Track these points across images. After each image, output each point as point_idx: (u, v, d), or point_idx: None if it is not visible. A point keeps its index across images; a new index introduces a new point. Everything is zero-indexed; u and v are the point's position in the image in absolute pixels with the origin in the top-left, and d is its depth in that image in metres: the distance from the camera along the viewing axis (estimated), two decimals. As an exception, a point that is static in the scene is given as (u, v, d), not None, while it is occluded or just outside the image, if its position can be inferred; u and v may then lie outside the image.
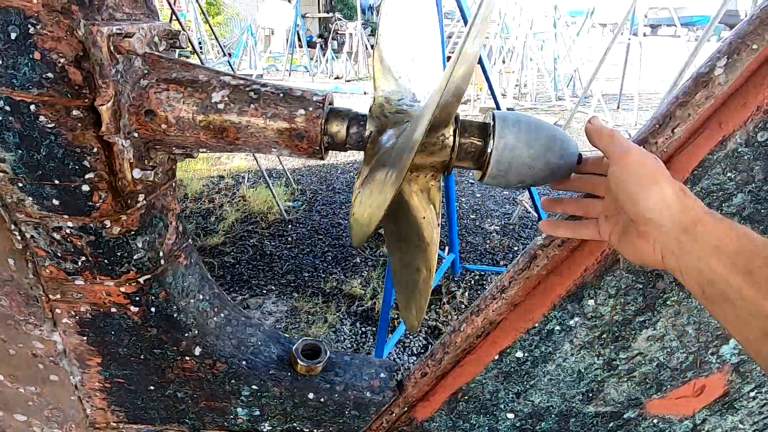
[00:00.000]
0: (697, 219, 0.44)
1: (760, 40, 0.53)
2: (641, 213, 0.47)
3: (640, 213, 0.47)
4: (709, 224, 0.43)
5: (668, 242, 0.46)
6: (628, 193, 0.48)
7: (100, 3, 0.55)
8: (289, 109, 0.60)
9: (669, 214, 0.45)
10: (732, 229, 0.43)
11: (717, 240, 0.42)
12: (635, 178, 0.47)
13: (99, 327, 0.75)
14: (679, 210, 0.45)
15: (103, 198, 0.62)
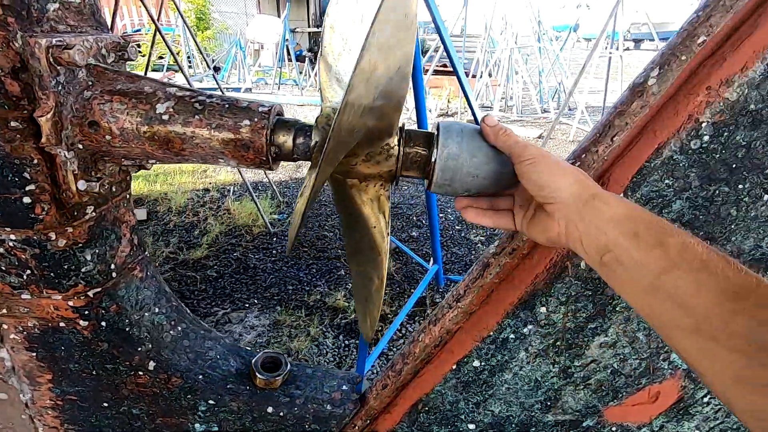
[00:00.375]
0: (594, 194, 0.49)
1: (687, 51, 0.55)
2: (548, 195, 0.52)
3: (547, 196, 0.52)
4: (605, 197, 0.49)
5: (571, 215, 0.50)
6: (536, 182, 0.52)
7: (40, 15, 0.55)
8: (234, 120, 0.60)
9: (570, 192, 0.50)
10: (624, 201, 0.49)
11: (611, 210, 0.47)
12: (539, 165, 0.52)
13: (48, 342, 0.74)
14: (579, 188, 0.50)
15: (46, 210, 0.61)
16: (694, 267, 0.40)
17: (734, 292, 0.38)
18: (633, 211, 0.47)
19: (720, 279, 0.39)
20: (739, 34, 0.53)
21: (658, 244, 0.43)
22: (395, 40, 0.42)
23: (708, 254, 0.41)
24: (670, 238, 0.43)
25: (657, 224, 0.45)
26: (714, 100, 0.55)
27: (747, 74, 0.53)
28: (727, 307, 0.38)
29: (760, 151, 0.56)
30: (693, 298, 0.40)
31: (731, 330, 0.37)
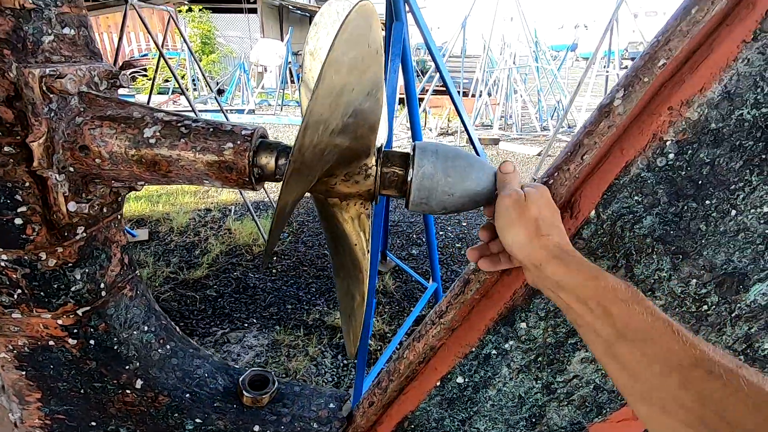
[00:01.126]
0: (542, 259, 0.51)
1: (650, 73, 0.57)
2: (507, 246, 0.55)
3: (506, 246, 0.56)
4: (552, 265, 0.51)
5: (528, 274, 0.54)
6: (498, 229, 0.56)
7: (35, 47, 0.59)
8: (218, 143, 0.63)
9: (521, 253, 0.53)
10: (571, 269, 0.50)
11: (558, 277, 0.50)
12: (501, 219, 0.56)
13: (38, 361, 0.75)
14: (528, 251, 0.53)
15: (37, 231, 0.64)
16: (638, 338, 0.42)
17: (679, 364, 0.39)
18: (578, 278, 0.48)
19: (665, 351, 0.40)
20: (696, 58, 0.56)
21: (604, 314, 0.45)
22: (360, 66, 0.45)
23: (653, 324, 0.42)
24: (614, 306, 0.44)
25: (602, 292, 0.46)
26: (676, 120, 0.57)
27: (706, 95, 0.56)
28: (674, 379, 0.38)
29: (723, 167, 0.58)
30: (642, 369, 0.41)
31: (680, 403, 0.38)
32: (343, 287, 0.76)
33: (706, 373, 0.37)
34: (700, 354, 0.38)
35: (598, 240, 0.64)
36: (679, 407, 0.38)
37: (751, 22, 0.53)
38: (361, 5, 0.38)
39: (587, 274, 0.48)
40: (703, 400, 0.37)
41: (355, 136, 0.54)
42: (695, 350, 0.39)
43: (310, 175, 0.52)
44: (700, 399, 0.37)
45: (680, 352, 0.39)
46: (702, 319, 0.66)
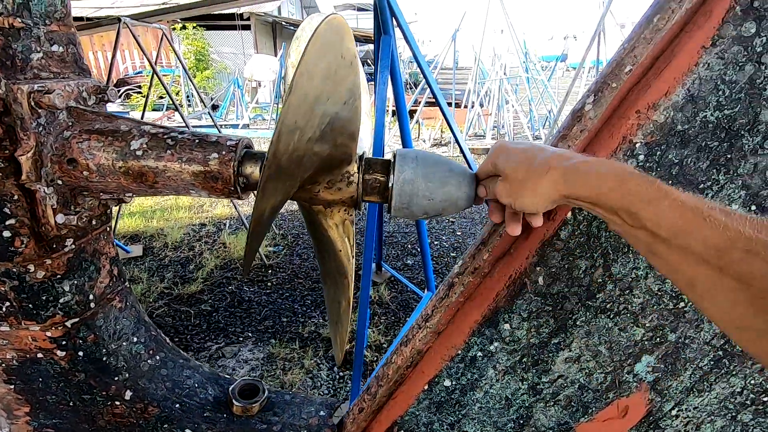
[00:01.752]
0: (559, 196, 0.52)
1: (617, 79, 0.60)
2: (534, 212, 0.57)
3: (533, 212, 0.57)
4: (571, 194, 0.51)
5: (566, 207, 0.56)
6: (513, 207, 0.58)
7: (23, 64, 0.61)
8: (203, 154, 0.64)
9: (545, 206, 0.54)
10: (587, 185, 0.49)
11: (583, 200, 0.50)
12: (507, 198, 0.58)
13: (26, 374, 0.75)
14: (547, 201, 0.53)
15: (25, 243, 0.65)
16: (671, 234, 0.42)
17: (715, 250, 0.38)
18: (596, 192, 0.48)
19: (699, 241, 0.40)
20: (660, 63, 0.58)
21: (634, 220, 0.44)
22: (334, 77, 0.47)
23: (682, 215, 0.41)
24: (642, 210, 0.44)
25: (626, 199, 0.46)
26: (644, 123, 0.59)
27: (671, 98, 0.58)
28: (712, 266, 0.39)
29: (692, 167, 0.60)
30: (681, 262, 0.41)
31: (723, 287, 0.38)
32: (330, 293, 0.77)
33: (744, 253, 0.37)
34: (734, 235, 0.37)
35: (575, 240, 0.66)
36: (722, 292, 0.38)
37: (709, 29, 0.56)
38: (331, 18, 0.40)
39: (607, 184, 0.47)
40: (745, 281, 0.36)
41: (335, 144, 0.56)
42: (729, 232, 0.38)
43: (288, 181, 0.53)
44: (742, 280, 0.36)
45: (713, 237, 0.38)
46: (680, 315, 0.68)
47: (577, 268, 0.67)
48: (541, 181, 0.52)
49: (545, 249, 0.67)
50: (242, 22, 13.77)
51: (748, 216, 0.38)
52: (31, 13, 0.61)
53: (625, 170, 0.47)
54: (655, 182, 0.44)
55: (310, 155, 0.53)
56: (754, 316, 0.36)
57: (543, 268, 0.68)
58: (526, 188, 0.54)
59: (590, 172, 0.49)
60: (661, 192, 0.43)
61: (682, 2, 0.56)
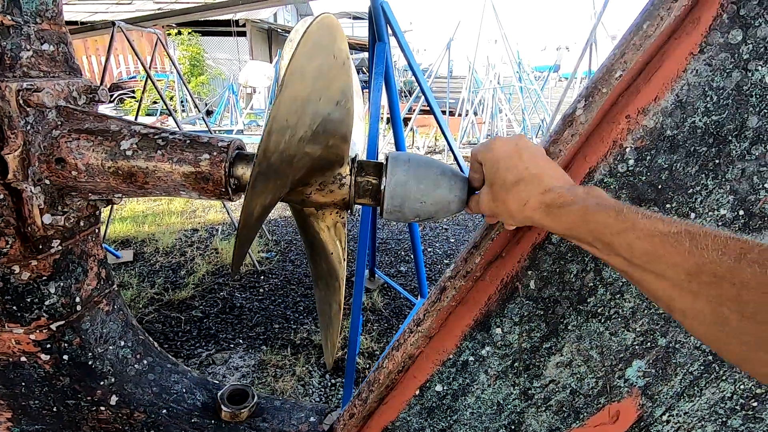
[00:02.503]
0: (537, 222, 0.54)
1: (608, 84, 0.60)
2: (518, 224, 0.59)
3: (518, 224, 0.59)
4: (546, 224, 0.53)
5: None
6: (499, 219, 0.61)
7: (12, 62, 0.60)
8: (194, 154, 0.64)
9: (526, 222, 0.56)
10: (561, 220, 0.51)
11: (557, 231, 0.52)
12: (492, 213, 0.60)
13: (9, 379, 0.74)
14: (528, 220, 0.55)
15: (11, 243, 0.64)
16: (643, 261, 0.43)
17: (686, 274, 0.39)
18: (568, 226, 0.50)
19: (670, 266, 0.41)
20: (650, 69, 0.59)
21: (608, 249, 0.46)
22: (326, 76, 0.47)
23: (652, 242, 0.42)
24: (614, 240, 0.45)
25: (597, 232, 0.47)
26: (634, 128, 0.60)
27: (660, 103, 0.59)
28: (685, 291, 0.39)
29: (681, 172, 0.61)
30: (656, 286, 0.42)
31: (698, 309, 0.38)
32: (321, 296, 0.76)
33: (712, 277, 0.37)
34: (700, 260, 0.38)
35: (566, 244, 0.66)
36: (697, 313, 0.39)
37: (697, 36, 0.57)
38: (323, 17, 0.40)
39: (575, 219, 0.49)
40: (717, 301, 0.37)
41: (326, 145, 0.56)
42: (695, 257, 0.39)
43: (279, 180, 0.53)
44: (715, 301, 0.37)
45: (683, 263, 0.39)
46: (670, 320, 0.68)
47: (568, 272, 0.67)
48: (520, 209, 0.55)
49: (537, 253, 0.67)
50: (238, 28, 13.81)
51: (713, 234, 0.39)
52: (22, 10, 0.61)
53: (588, 206, 0.48)
54: (622, 211, 0.45)
55: (301, 155, 0.52)
56: (734, 336, 0.37)
57: (534, 271, 0.68)
58: (506, 208, 0.56)
59: (563, 207, 0.50)
60: (628, 222, 0.44)
61: (670, 10, 0.57)
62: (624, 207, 0.46)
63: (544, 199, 0.52)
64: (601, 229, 0.46)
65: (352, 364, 2.27)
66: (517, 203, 0.54)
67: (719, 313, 0.37)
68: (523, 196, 0.54)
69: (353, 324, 2.34)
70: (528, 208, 0.53)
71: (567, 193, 0.51)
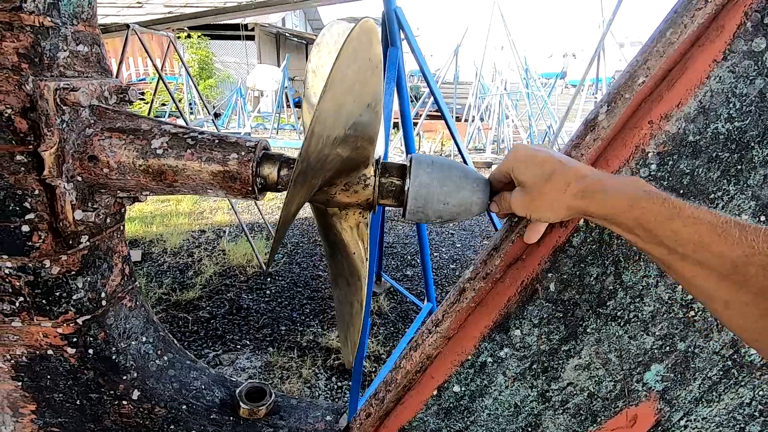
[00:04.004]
0: (575, 211, 0.54)
1: (630, 90, 0.61)
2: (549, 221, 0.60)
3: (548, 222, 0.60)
4: (588, 209, 0.52)
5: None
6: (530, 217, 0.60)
7: (51, 62, 0.62)
8: (222, 154, 0.65)
9: (560, 217, 0.56)
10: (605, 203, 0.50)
11: (598, 217, 0.52)
12: (523, 210, 0.59)
13: (35, 371, 0.75)
14: (564, 213, 0.55)
15: (43, 238, 0.65)
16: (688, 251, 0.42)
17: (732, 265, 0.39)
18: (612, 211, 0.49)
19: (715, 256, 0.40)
20: (673, 75, 0.60)
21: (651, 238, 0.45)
22: (361, 79, 0.48)
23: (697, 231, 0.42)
24: (658, 229, 0.45)
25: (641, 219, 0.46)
26: (657, 133, 0.61)
27: (683, 109, 0.60)
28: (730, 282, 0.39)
29: (703, 177, 0.62)
30: (699, 278, 0.42)
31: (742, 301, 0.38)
32: (341, 296, 0.77)
33: (760, 269, 0.37)
34: (749, 250, 0.38)
35: (587, 248, 0.67)
36: (741, 305, 0.38)
37: (720, 44, 0.57)
38: (364, 21, 0.41)
39: (621, 204, 0.48)
40: (763, 295, 0.37)
41: (355, 146, 0.57)
42: (744, 247, 0.38)
43: (314, 180, 0.54)
44: (760, 294, 0.37)
45: (729, 252, 0.39)
46: (689, 324, 0.68)
47: (588, 275, 0.68)
48: (560, 197, 0.54)
49: (557, 255, 0.68)
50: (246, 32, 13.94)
51: (762, 228, 0.39)
52: (60, 12, 0.63)
53: (638, 189, 0.48)
54: (669, 199, 0.45)
55: (333, 156, 0.54)
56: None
57: (555, 274, 0.69)
58: (544, 202, 0.56)
59: (606, 191, 0.50)
60: (675, 209, 0.44)
61: (694, 18, 0.58)
62: (670, 196, 0.45)
63: (584, 183, 0.52)
64: (647, 216, 0.45)
65: (359, 367, 2.27)
66: (556, 191, 0.54)
67: (766, 306, 0.36)
68: (560, 184, 0.53)
69: (362, 327, 2.34)
70: (568, 194, 0.53)
71: (608, 179, 0.51)
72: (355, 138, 0.56)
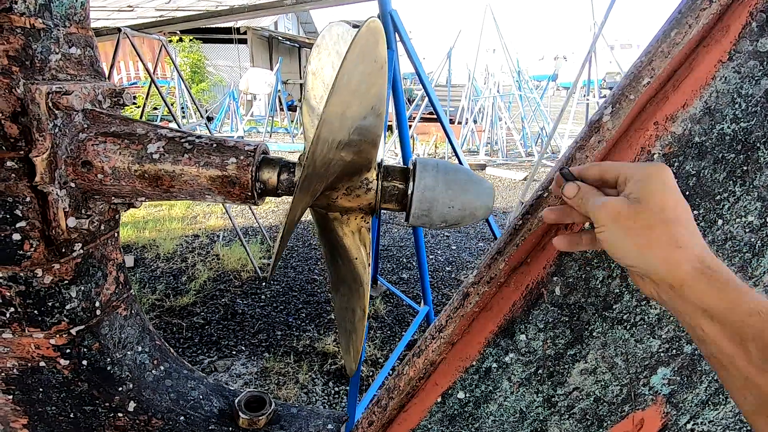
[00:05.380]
0: (685, 279, 0.41)
1: (635, 91, 0.61)
2: (629, 266, 0.46)
3: (628, 266, 0.46)
4: (697, 285, 0.40)
5: (659, 292, 0.43)
6: (613, 253, 0.46)
7: (42, 64, 0.60)
8: (221, 158, 0.64)
9: (654, 272, 0.42)
10: (724, 292, 0.39)
11: (705, 304, 0.39)
12: (614, 238, 0.45)
13: (26, 384, 0.73)
14: (665, 269, 0.42)
15: (35, 246, 0.63)
16: None
17: None
18: (737, 308, 0.38)
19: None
20: (678, 76, 0.60)
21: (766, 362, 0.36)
22: (367, 81, 0.47)
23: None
24: None
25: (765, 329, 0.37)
26: (662, 134, 0.60)
27: (688, 110, 0.59)
28: None
29: (708, 179, 0.61)
30: None
31: None
32: (342, 302, 0.76)
33: None
34: None
35: (593, 251, 0.66)
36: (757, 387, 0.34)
37: (726, 44, 0.57)
38: (371, 21, 0.40)
39: (747, 306, 0.37)
40: None
41: (358, 150, 0.56)
42: None
43: (318, 184, 0.53)
44: None
45: None
46: (696, 327, 0.68)
47: (594, 278, 0.67)
48: (667, 250, 0.41)
49: (563, 259, 0.67)
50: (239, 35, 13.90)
51: None
52: (52, 14, 0.61)
53: (762, 295, 0.39)
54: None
55: (336, 160, 0.52)
56: None
57: (560, 278, 0.68)
58: (646, 236, 0.42)
59: (729, 284, 0.40)
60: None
61: (698, 18, 0.57)
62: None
63: (704, 257, 0.41)
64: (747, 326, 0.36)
65: (357, 372, 2.25)
66: (666, 239, 0.41)
67: None
68: (678, 238, 0.41)
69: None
70: (679, 254, 0.41)
71: (729, 274, 0.41)
72: (358, 141, 0.55)
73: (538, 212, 0.68)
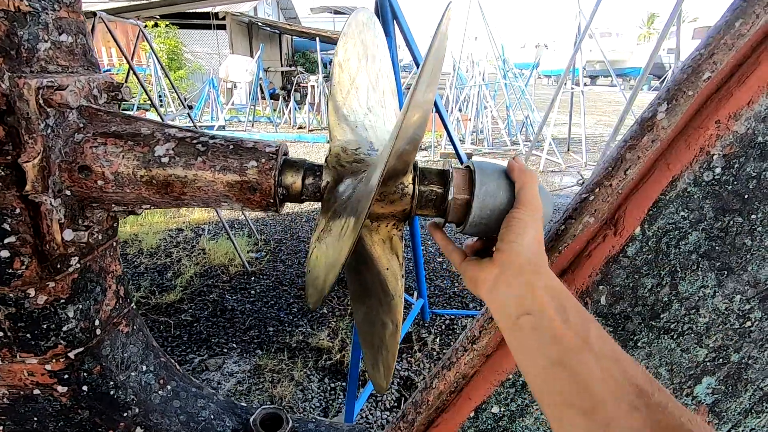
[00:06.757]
0: (540, 263, 0.50)
1: (694, 87, 0.56)
2: (508, 241, 0.52)
3: (506, 241, 0.52)
4: (548, 271, 0.50)
5: (512, 267, 0.50)
6: (509, 227, 0.53)
7: (29, 55, 0.52)
8: (239, 161, 0.57)
9: (527, 249, 0.51)
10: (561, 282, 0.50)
11: (551, 281, 0.49)
12: (521, 221, 0.52)
13: (19, 414, 0.65)
14: (535, 250, 0.51)
15: (27, 264, 0.55)
16: (606, 355, 0.42)
17: (638, 389, 0.39)
18: (566, 291, 0.48)
19: (626, 374, 0.40)
20: (743, 71, 0.55)
21: (581, 325, 0.44)
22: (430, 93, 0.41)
23: (621, 352, 0.43)
24: (592, 324, 0.45)
25: (584, 311, 0.46)
26: (723, 134, 0.56)
27: (753, 108, 0.55)
28: (627, 401, 0.39)
29: (770, 181, 0.57)
30: (597, 383, 0.40)
31: (627, 424, 0.38)
32: (369, 315, 0.70)
33: (658, 405, 0.38)
34: (657, 387, 0.39)
35: (643, 257, 0.62)
36: (624, 428, 0.38)
37: (797, 36, 0.53)
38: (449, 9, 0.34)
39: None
40: (652, 426, 0.37)
41: (404, 155, 0.50)
42: (654, 383, 0.40)
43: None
44: (650, 427, 0.37)
45: (639, 378, 0.40)
46: (745, 335, 0.65)
47: (642, 286, 0.63)
48: (540, 237, 0.52)
49: (610, 266, 0.63)
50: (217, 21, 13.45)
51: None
52: (39, -5, 0.52)
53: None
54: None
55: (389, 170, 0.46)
56: None
57: (606, 286, 0.64)
58: (506, 257, 0.51)
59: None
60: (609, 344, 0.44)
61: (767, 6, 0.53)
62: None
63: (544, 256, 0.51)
64: (584, 310, 0.46)
65: (356, 369, 2.21)
66: (524, 266, 0.50)
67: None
68: (529, 277, 0.49)
69: (356, 330, 2.28)
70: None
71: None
72: (407, 148, 0.49)
73: (583, 217, 0.64)
